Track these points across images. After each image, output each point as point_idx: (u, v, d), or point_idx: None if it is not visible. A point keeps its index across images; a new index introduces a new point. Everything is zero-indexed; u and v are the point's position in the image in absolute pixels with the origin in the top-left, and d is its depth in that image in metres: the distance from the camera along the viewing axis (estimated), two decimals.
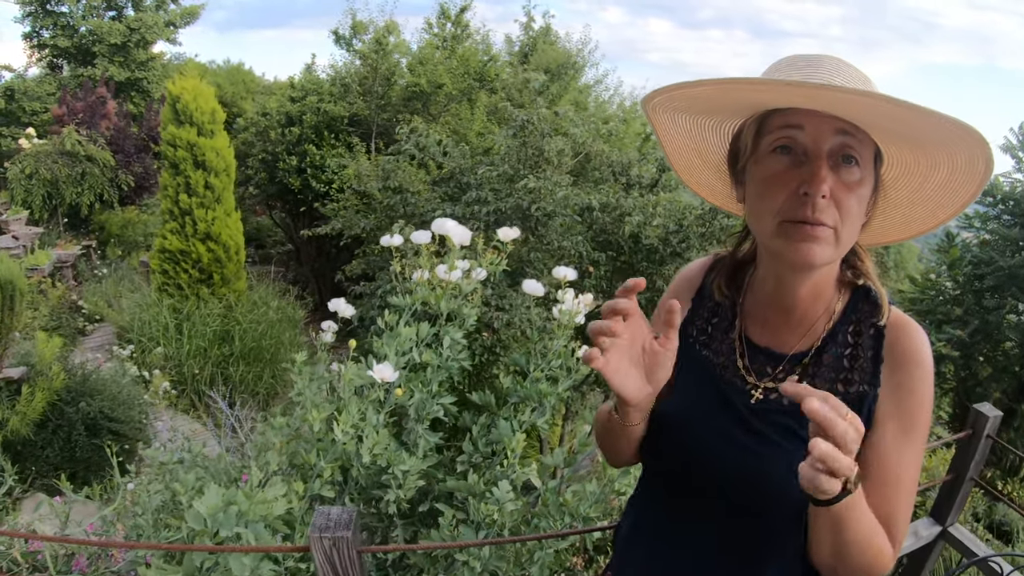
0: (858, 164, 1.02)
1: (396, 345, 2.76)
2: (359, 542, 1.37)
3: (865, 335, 1.13)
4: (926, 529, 2.49)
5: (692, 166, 1.30)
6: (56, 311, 8.69)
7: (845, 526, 0.95)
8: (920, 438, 1.10)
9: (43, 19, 16.91)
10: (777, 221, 1.03)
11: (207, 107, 8.54)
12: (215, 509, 1.81)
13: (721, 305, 1.26)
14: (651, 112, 1.17)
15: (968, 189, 1.05)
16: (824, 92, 0.93)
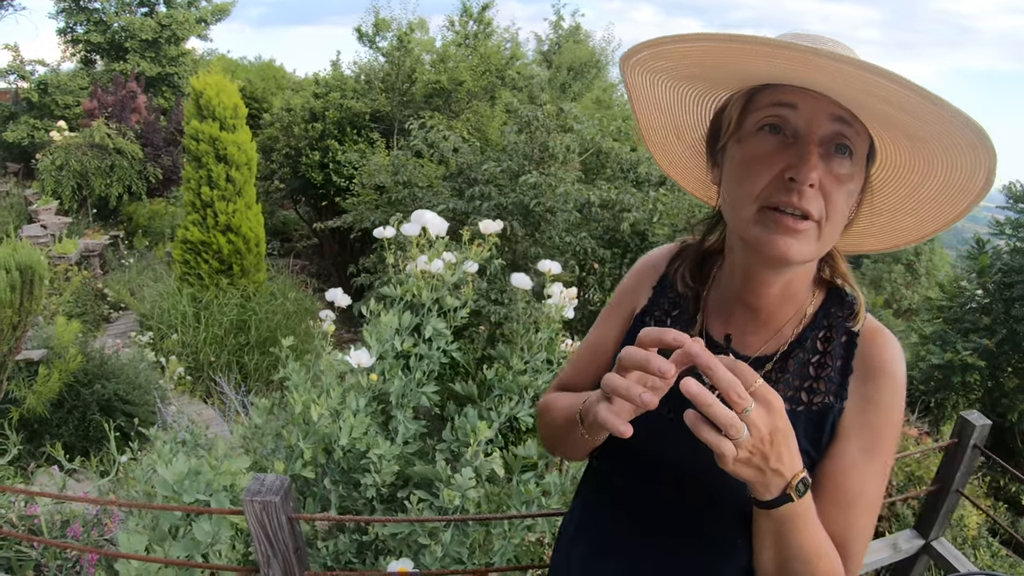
0: (851, 157, 0.93)
1: (377, 333, 2.85)
2: (290, 509, 1.46)
3: (836, 342, 1.05)
4: (907, 542, 2.39)
5: (667, 144, 1.19)
6: (81, 298, 8.92)
7: (788, 537, 0.91)
8: (886, 456, 1.02)
9: (77, 15, 17.21)
10: (757, 207, 0.93)
11: (229, 102, 8.69)
12: (181, 476, 1.92)
13: (683, 297, 1.17)
14: (630, 75, 1.04)
15: (962, 203, 0.97)
16: (833, 65, 0.79)
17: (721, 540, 1.05)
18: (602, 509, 1.22)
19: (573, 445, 1.13)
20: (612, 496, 1.19)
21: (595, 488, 1.26)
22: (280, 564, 1.52)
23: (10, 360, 5.17)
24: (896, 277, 25.44)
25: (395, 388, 2.84)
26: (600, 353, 1.28)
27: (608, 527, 1.19)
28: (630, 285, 1.27)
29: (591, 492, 1.27)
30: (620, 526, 1.16)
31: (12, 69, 16.48)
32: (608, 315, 1.29)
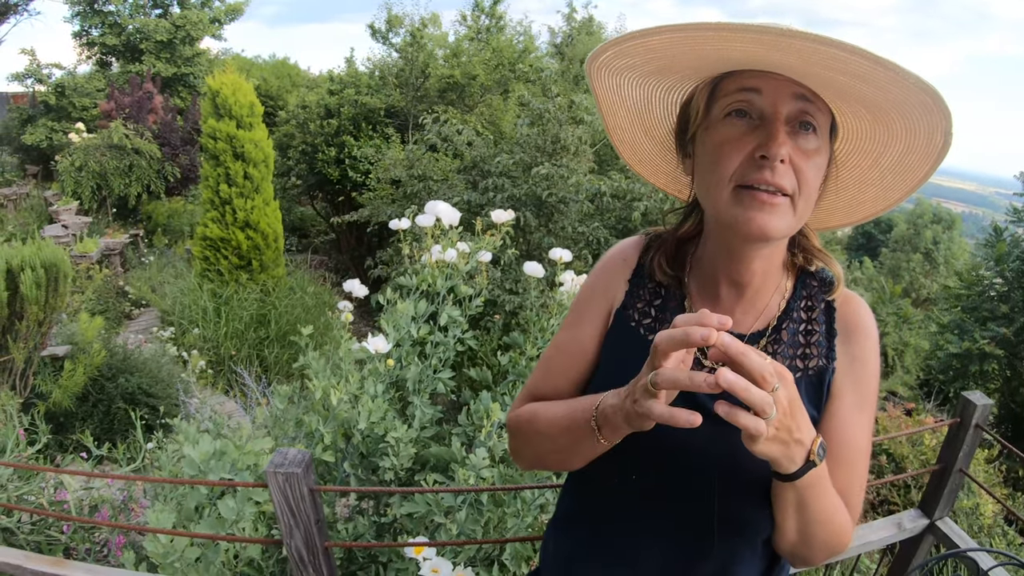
0: (815, 132, 0.97)
1: (394, 320, 2.91)
2: (311, 481, 1.53)
3: (817, 311, 1.11)
4: (911, 522, 2.41)
5: (636, 142, 1.22)
6: (103, 295, 9.07)
7: (809, 503, 0.95)
8: (872, 407, 1.09)
9: (91, 18, 17.40)
10: (732, 187, 0.97)
11: (245, 101, 8.81)
12: (207, 456, 2.00)
13: (664, 286, 1.18)
14: (595, 75, 1.09)
15: (923, 167, 1.02)
16: (793, 43, 0.83)
17: (736, 522, 1.07)
18: (599, 500, 1.22)
19: (577, 455, 1.10)
20: (612, 486, 1.17)
21: (591, 481, 1.23)
22: (302, 534, 1.59)
23: (36, 356, 5.29)
24: (914, 266, 25.30)
25: (412, 374, 2.91)
26: (575, 354, 1.23)
27: (613, 510, 1.18)
28: (600, 282, 1.25)
29: (585, 485, 1.26)
30: (627, 524, 1.16)
31: (29, 73, 16.68)
32: (579, 315, 1.26)
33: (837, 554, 1.06)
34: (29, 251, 5.04)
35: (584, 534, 1.23)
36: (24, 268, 4.87)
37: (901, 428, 6.05)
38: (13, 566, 2.03)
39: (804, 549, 1.04)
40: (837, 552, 1.05)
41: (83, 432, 3.31)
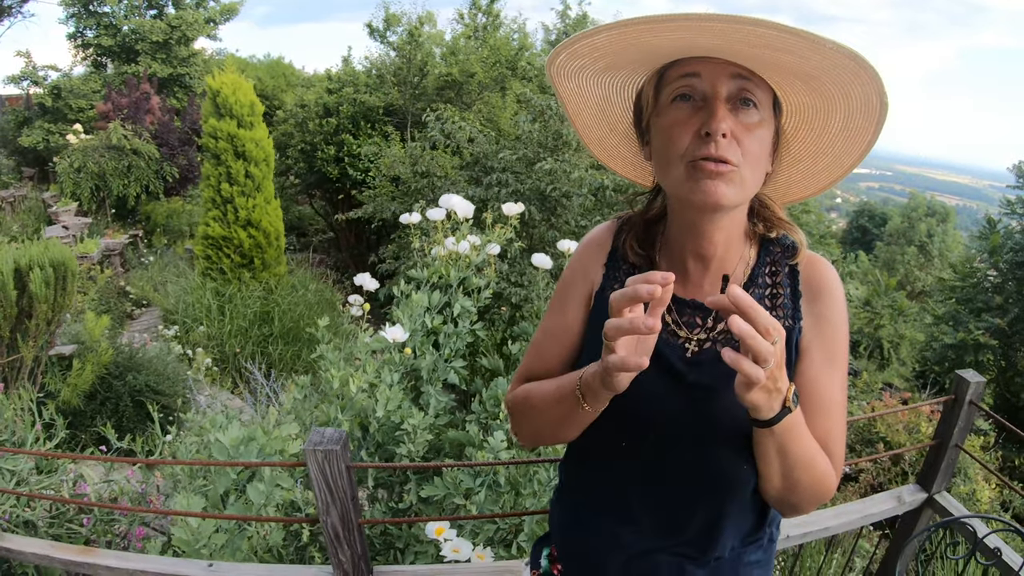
0: (756, 107, 1.05)
1: (409, 311, 2.98)
2: (347, 458, 1.59)
3: (781, 275, 1.18)
4: (911, 495, 2.49)
5: (603, 138, 1.32)
6: (105, 295, 9.10)
7: (789, 448, 1.02)
8: (842, 362, 1.15)
9: (86, 19, 17.34)
10: (684, 164, 1.04)
11: (246, 100, 8.86)
12: (237, 441, 2.06)
13: (636, 266, 1.25)
14: (557, 80, 1.18)
15: (867, 131, 1.09)
16: (712, 25, 0.92)
17: (719, 476, 1.15)
18: (591, 468, 1.31)
19: (568, 426, 1.17)
20: (603, 458, 1.26)
21: (583, 451, 1.32)
22: (338, 510, 1.65)
23: (44, 355, 5.33)
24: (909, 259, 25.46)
25: (426, 364, 2.97)
26: (563, 336, 1.31)
27: (606, 483, 1.27)
28: (579, 267, 1.32)
29: (578, 456, 1.35)
30: (622, 485, 1.24)
31: (25, 75, 16.65)
32: (563, 300, 1.33)
33: (823, 501, 1.13)
34: (37, 250, 5.08)
35: (578, 502, 1.33)
36: (32, 267, 4.91)
37: (899, 418, 6.13)
38: (41, 556, 2.07)
39: (791, 495, 1.11)
40: (823, 499, 1.12)
41: (105, 425, 3.36)
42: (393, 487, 2.95)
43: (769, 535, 1.28)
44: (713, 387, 1.13)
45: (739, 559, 1.24)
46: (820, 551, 3.66)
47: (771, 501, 1.16)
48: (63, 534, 2.99)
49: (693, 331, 1.17)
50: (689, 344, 1.17)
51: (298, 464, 1.65)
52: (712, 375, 1.13)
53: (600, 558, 1.27)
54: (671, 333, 1.17)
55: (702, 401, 1.13)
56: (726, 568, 1.23)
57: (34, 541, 2.17)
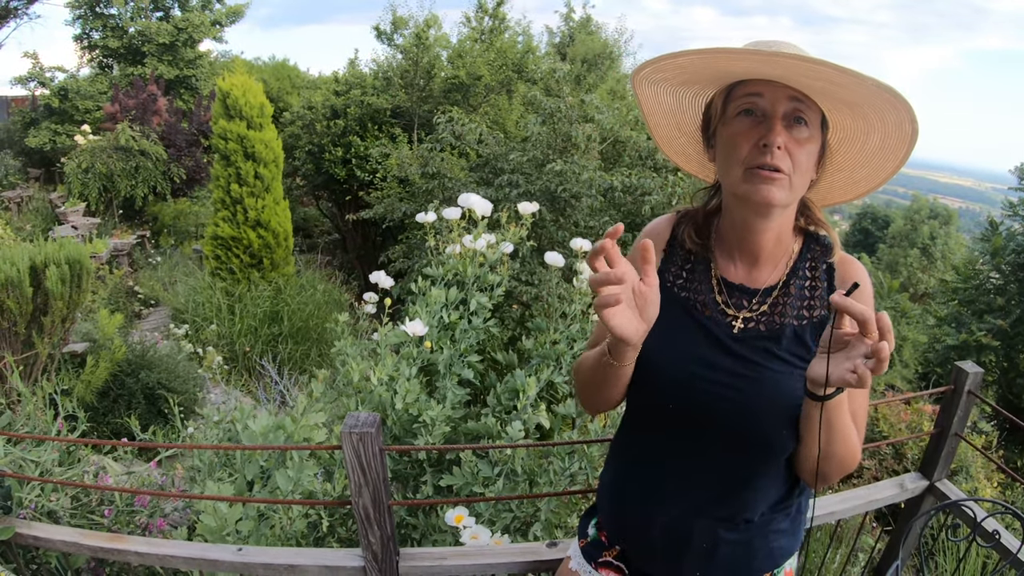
0: (807, 125, 1.23)
1: (427, 306, 3.05)
2: (381, 441, 1.66)
3: (820, 270, 1.36)
4: (912, 483, 2.57)
5: (671, 136, 1.51)
6: (114, 295, 9.15)
7: (835, 421, 1.18)
8: None
9: (93, 21, 17.39)
10: (743, 169, 1.23)
11: (256, 102, 8.93)
12: (266, 429, 2.12)
13: (693, 252, 1.43)
14: (638, 86, 1.38)
15: (901, 149, 1.28)
16: (780, 59, 1.13)
17: (759, 443, 1.29)
18: (644, 444, 1.46)
19: (608, 383, 1.33)
20: (650, 430, 1.43)
21: (633, 427, 1.50)
22: (371, 492, 1.71)
23: (58, 352, 5.39)
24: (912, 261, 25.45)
25: (443, 358, 3.03)
26: None
27: (654, 453, 1.42)
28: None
29: (631, 433, 1.51)
30: (665, 452, 1.40)
31: (32, 76, 16.72)
32: None
33: (849, 471, 1.27)
34: (52, 248, 5.13)
35: (625, 467, 1.51)
36: (48, 264, 4.97)
37: (901, 417, 6.17)
38: (70, 543, 2.11)
39: (825, 464, 1.24)
40: (849, 470, 1.27)
41: (129, 417, 3.42)
42: (408, 479, 3.01)
43: (798, 505, 1.43)
44: (754, 360, 1.31)
45: (767, 525, 1.38)
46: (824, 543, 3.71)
47: (803, 472, 1.32)
48: (85, 524, 3.04)
49: (740, 311, 1.35)
50: (735, 322, 1.35)
51: (331, 448, 1.72)
52: (754, 349, 1.32)
53: (642, 521, 1.43)
54: (720, 312, 1.36)
55: (744, 372, 1.30)
56: (755, 532, 1.37)
57: (62, 529, 2.21)
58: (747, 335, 1.33)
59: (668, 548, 1.39)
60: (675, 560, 1.39)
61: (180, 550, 2.03)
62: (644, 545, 1.44)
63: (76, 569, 2.58)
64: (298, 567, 1.90)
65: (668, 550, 1.39)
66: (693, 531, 1.36)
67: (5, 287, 4.64)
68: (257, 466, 2.25)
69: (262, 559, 1.94)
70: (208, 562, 1.97)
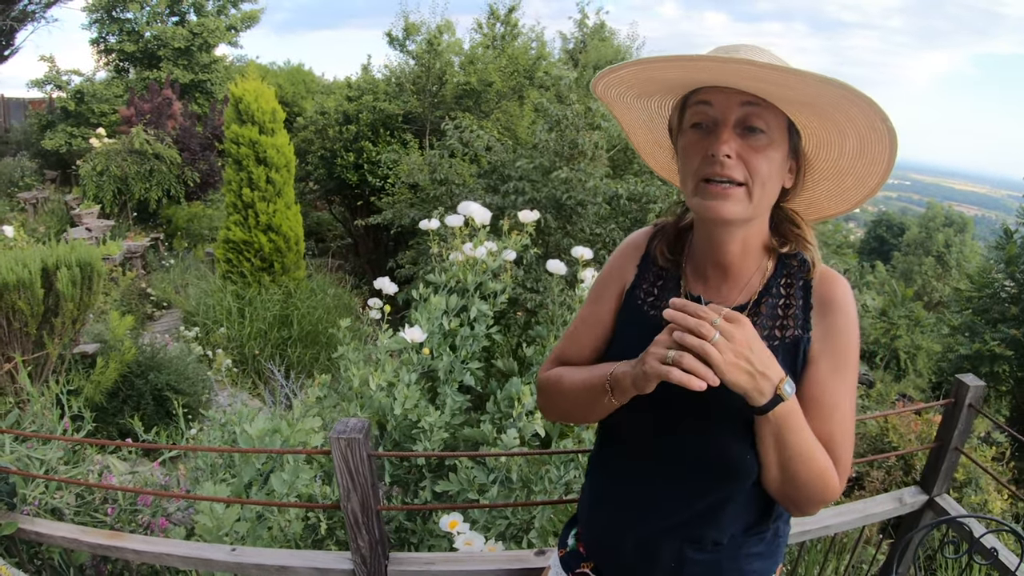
0: (764, 132, 1.15)
1: (427, 313, 3.07)
2: (369, 447, 1.69)
3: (795, 287, 1.28)
4: (911, 497, 2.53)
5: (655, 153, 1.47)
6: (126, 297, 9.24)
7: (786, 439, 1.13)
8: (851, 372, 1.25)
9: (109, 25, 17.61)
10: (695, 183, 1.18)
11: (268, 107, 9.01)
12: (263, 432, 2.16)
13: (665, 269, 1.39)
14: (607, 101, 1.34)
15: (882, 153, 1.18)
16: (705, 64, 1.08)
17: (722, 463, 1.24)
18: (619, 461, 1.42)
19: (592, 411, 1.33)
20: (624, 448, 1.40)
21: (608, 446, 1.47)
22: (359, 496, 1.74)
23: (68, 353, 5.45)
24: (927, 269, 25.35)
25: (443, 364, 3.06)
26: (596, 326, 1.45)
27: (628, 472, 1.39)
28: (616, 265, 1.47)
29: (604, 439, 1.48)
30: (639, 469, 1.36)
31: (49, 79, 16.92)
32: (599, 293, 1.47)
33: (826, 501, 1.21)
34: (63, 250, 5.20)
35: (600, 482, 1.47)
36: (59, 266, 5.03)
37: (911, 428, 6.14)
38: (70, 540, 2.16)
39: (790, 489, 1.20)
40: (824, 498, 1.21)
41: (132, 418, 3.47)
42: (409, 484, 3.04)
43: (775, 529, 1.37)
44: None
45: (739, 548, 1.32)
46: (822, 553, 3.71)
47: (774, 495, 1.25)
48: (89, 522, 3.09)
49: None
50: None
51: (321, 452, 1.75)
52: None
53: (615, 538, 1.39)
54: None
55: (712, 391, 1.16)
56: (725, 555, 1.32)
57: (64, 525, 2.25)
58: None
59: (638, 566, 1.37)
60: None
61: (176, 549, 2.07)
62: (615, 561, 1.42)
63: (79, 566, 2.62)
64: (289, 568, 1.93)
65: (638, 567, 1.37)
66: (661, 550, 1.33)
67: (17, 288, 4.71)
68: (254, 468, 2.29)
69: (255, 559, 1.97)
70: (203, 561, 2.01)
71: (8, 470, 2.28)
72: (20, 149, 17.02)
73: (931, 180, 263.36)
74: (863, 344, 20.11)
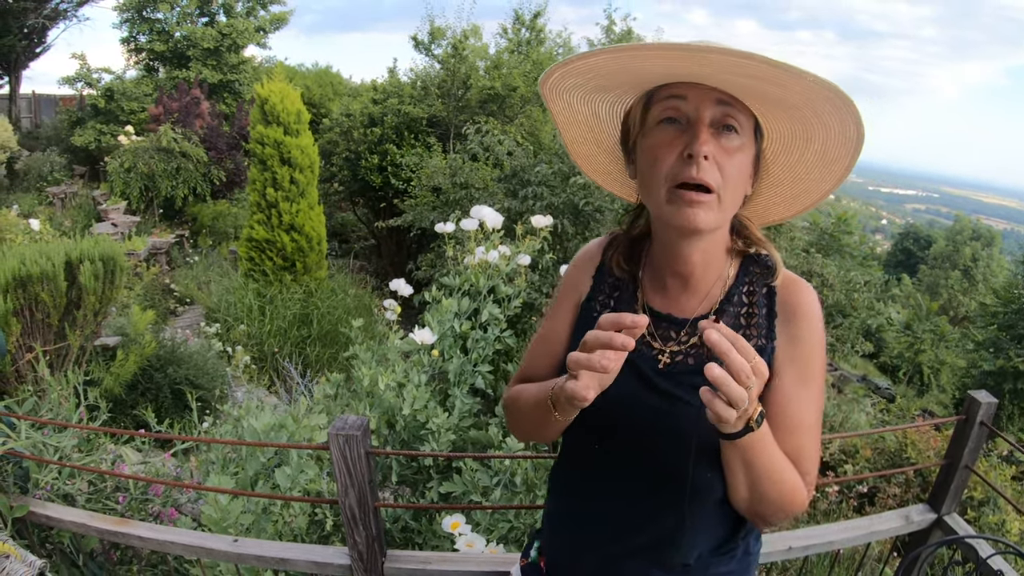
0: (737, 132, 1.11)
1: (438, 315, 3.10)
2: (367, 444, 1.71)
3: (758, 295, 1.22)
4: (919, 515, 2.45)
5: (591, 154, 1.39)
6: (150, 292, 9.36)
7: (754, 461, 1.07)
8: (817, 383, 1.20)
9: (140, 25, 17.96)
10: (666, 188, 1.11)
11: (293, 108, 9.09)
12: (268, 427, 2.19)
13: (621, 280, 1.33)
14: (550, 97, 1.24)
15: (844, 158, 1.14)
16: (703, 55, 0.99)
17: (684, 483, 1.18)
18: (577, 478, 1.37)
19: (545, 429, 1.27)
20: (582, 465, 1.34)
21: (567, 461, 1.41)
22: (356, 492, 1.76)
23: (90, 344, 5.53)
24: (953, 283, 25.09)
25: (453, 367, 3.08)
26: (552, 343, 1.40)
27: (587, 487, 1.33)
28: (571, 278, 1.42)
29: (564, 456, 1.43)
30: (596, 488, 1.31)
31: (79, 77, 17.23)
32: (556, 309, 1.42)
33: (793, 514, 1.17)
34: (87, 244, 5.28)
35: (563, 501, 1.41)
36: (83, 260, 5.11)
37: (931, 444, 6.07)
38: (79, 524, 2.21)
39: (759, 506, 1.15)
40: (792, 512, 1.16)
41: (146, 409, 3.52)
42: (417, 485, 3.06)
43: (744, 547, 1.31)
44: (681, 398, 1.18)
45: (707, 568, 1.27)
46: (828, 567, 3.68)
47: (741, 511, 1.20)
48: (100, 509, 3.14)
49: (667, 343, 1.24)
50: (662, 356, 1.23)
51: (322, 447, 1.77)
52: (681, 386, 1.19)
53: (576, 558, 1.34)
54: (646, 344, 1.24)
55: (669, 409, 1.19)
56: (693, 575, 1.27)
57: (73, 510, 2.30)
58: (674, 370, 1.21)
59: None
60: None
61: (180, 537, 2.11)
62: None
63: (89, 552, 2.67)
64: (288, 560, 1.96)
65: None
66: (623, 573, 1.28)
67: (40, 280, 4.79)
68: (259, 462, 2.32)
69: (255, 551, 2.00)
70: (205, 550, 2.04)
71: (22, 455, 2.33)
72: (50, 144, 17.33)
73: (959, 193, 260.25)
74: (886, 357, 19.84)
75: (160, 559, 2.84)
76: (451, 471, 2.98)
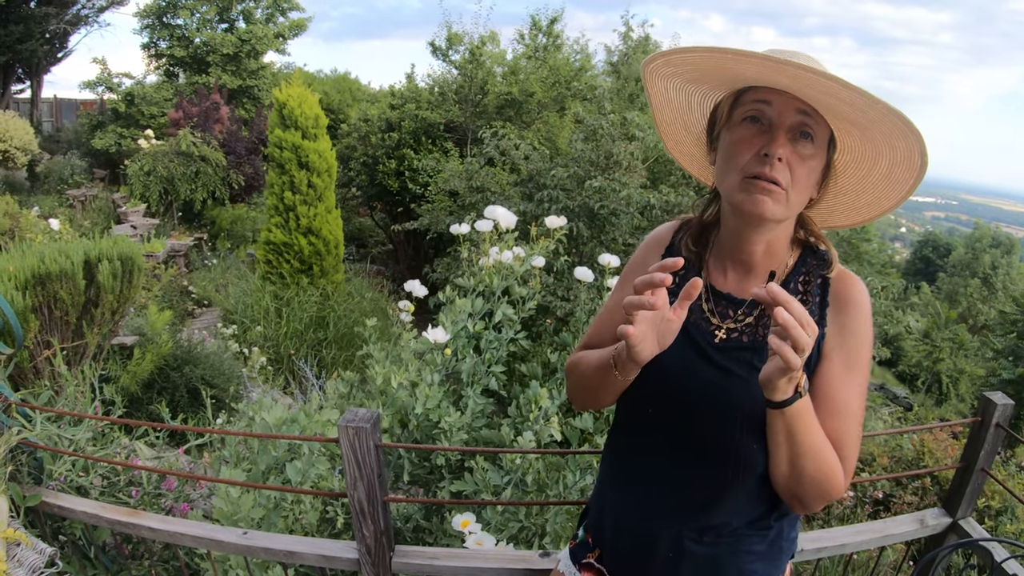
0: (812, 141, 1.21)
1: (452, 315, 3.10)
2: (377, 437, 1.71)
3: (813, 284, 1.31)
4: (934, 519, 2.41)
5: (679, 136, 1.50)
6: (168, 293, 9.43)
7: (797, 433, 1.14)
8: (863, 371, 1.28)
9: (160, 31, 18.16)
10: (741, 177, 1.21)
11: (311, 113, 9.15)
12: (280, 421, 2.20)
13: (688, 260, 1.41)
14: (649, 79, 1.35)
15: (907, 181, 1.23)
16: (789, 68, 1.08)
17: (729, 454, 1.26)
18: (630, 447, 1.45)
19: (603, 391, 1.36)
20: (636, 435, 1.43)
21: (621, 431, 1.49)
22: (365, 486, 1.77)
23: (107, 343, 5.57)
24: (972, 291, 24.82)
25: (466, 367, 3.08)
26: (618, 314, 1.47)
27: (638, 457, 1.42)
28: (641, 256, 1.52)
29: (620, 437, 1.50)
30: (648, 457, 1.40)
31: (100, 81, 17.44)
32: (623, 284, 1.53)
33: (830, 499, 1.22)
34: (106, 244, 5.32)
35: (612, 468, 1.50)
36: (101, 259, 5.15)
37: (948, 452, 6.01)
38: (91, 515, 2.22)
39: (798, 486, 1.21)
40: (829, 496, 1.22)
41: (160, 403, 3.55)
42: (429, 485, 3.06)
43: (778, 529, 1.36)
44: (733, 371, 1.27)
45: (739, 543, 1.33)
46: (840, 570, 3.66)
47: (779, 489, 1.26)
48: (113, 502, 3.16)
49: (724, 320, 1.33)
50: (719, 331, 1.33)
51: (332, 440, 1.78)
52: (734, 361, 1.29)
53: (618, 524, 1.44)
54: (705, 320, 1.35)
55: (722, 382, 1.28)
56: (724, 548, 1.33)
57: (85, 501, 2.31)
58: (728, 345, 1.31)
59: (635, 554, 1.39)
60: (641, 567, 1.38)
61: (190, 529, 2.12)
62: (616, 548, 1.44)
63: (101, 544, 2.69)
64: (297, 554, 1.96)
65: (635, 556, 1.39)
66: (659, 539, 1.34)
67: (59, 278, 4.83)
68: (271, 456, 2.33)
69: (264, 543, 2.01)
70: (215, 542, 2.05)
71: (36, 445, 2.35)
72: (71, 148, 17.52)
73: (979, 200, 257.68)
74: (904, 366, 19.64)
75: (172, 555, 2.85)
76: (463, 471, 2.98)
